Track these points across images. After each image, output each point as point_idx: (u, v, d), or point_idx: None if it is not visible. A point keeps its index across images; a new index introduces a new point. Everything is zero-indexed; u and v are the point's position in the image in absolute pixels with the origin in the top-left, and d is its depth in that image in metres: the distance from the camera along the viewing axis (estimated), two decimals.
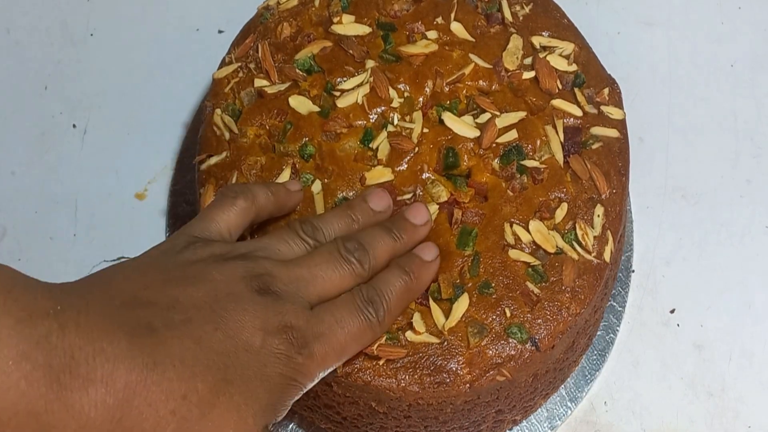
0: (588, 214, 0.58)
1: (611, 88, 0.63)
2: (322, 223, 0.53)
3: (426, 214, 0.55)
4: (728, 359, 0.67)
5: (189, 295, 0.44)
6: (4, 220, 0.71)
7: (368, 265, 0.51)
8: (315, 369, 0.47)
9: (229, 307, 0.45)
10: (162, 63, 0.77)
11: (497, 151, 0.59)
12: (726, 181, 0.73)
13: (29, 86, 0.77)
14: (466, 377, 0.54)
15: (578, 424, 0.65)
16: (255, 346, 0.44)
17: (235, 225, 0.51)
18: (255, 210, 0.52)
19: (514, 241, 0.57)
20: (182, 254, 0.47)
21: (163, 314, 0.43)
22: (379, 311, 0.50)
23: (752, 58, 0.78)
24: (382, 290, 0.51)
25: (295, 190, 0.56)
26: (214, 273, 0.46)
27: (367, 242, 0.52)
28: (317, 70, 0.62)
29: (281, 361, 0.45)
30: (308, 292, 0.48)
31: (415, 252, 0.54)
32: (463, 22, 0.63)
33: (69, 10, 0.79)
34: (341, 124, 0.59)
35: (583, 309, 0.56)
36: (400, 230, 0.54)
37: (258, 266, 0.48)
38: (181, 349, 0.42)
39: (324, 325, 0.47)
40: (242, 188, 0.52)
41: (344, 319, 0.49)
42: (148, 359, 0.40)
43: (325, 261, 0.50)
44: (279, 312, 0.46)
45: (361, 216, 0.54)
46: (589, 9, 0.80)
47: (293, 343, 0.46)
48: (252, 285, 0.46)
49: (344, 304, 0.49)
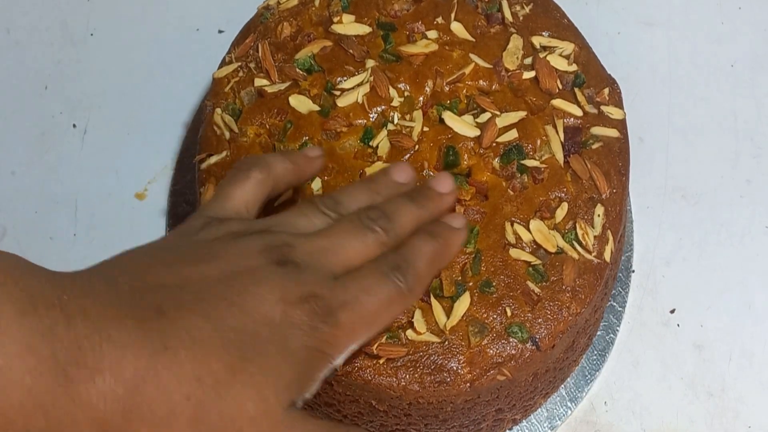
0: (588, 213, 0.58)
1: (611, 88, 0.63)
2: (344, 196, 0.49)
3: (451, 183, 0.52)
4: (728, 359, 0.67)
5: (201, 272, 0.42)
6: (4, 220, 0.71)
7: (393, 233, 0.47)
8: (343, 339, 0.43)
9: (245, 280, 0.42)
10: (162, 63, 0.77)
11: (497, 151, 0.59)
12: (726, 181, 0.73)
13: (29, 86, 0.77)
14: (467, 376, 0.54)
15: (578, 424, 0.65)
16: (275, 319, 0.41)
17: (252, 200, 0.49)
18: (272, 181, 0.50)
19: (515, 240, 0.57)
20: (197, 235, 0.45)
21: (174, 295, 0.40)
22: (407, 277, 0.46)
23: (752, 58, 0.78)
24: (411, 257, 0.47)
25: (315, 156, 0.53)
26: (229, 249, 0.44)
27: (391, 211, 0.48)
28: (317, 70, 0.62)
29: (305, 332, 0.42)
30: (330, 261, 0.45)
31: (442, 219, 0.50)
32: (464, 22, 0.63)
33: (69, 10, 0.79)
34: (341, 123, 0.59)
35: (584, 309, 0.56)
36: (425, 198, 0.50)
37: (276, 239, 0.45)
38: (192, 329, 0.39)
39: (349, 293, 0.44)
40: (256, 160, 0.50)
41: (371, 286, 0.44)
42: (157, 343, 0.38)
43: (346, 231, 0.46)
44: (300, 282, 0.43)
45: (384, 188, 0.51)
46: (589, 9, 0.80)
47: (317, 312, 0.42)
48: (270, 257, 0.43)
49: (370, 271, 0.45)
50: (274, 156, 0.51)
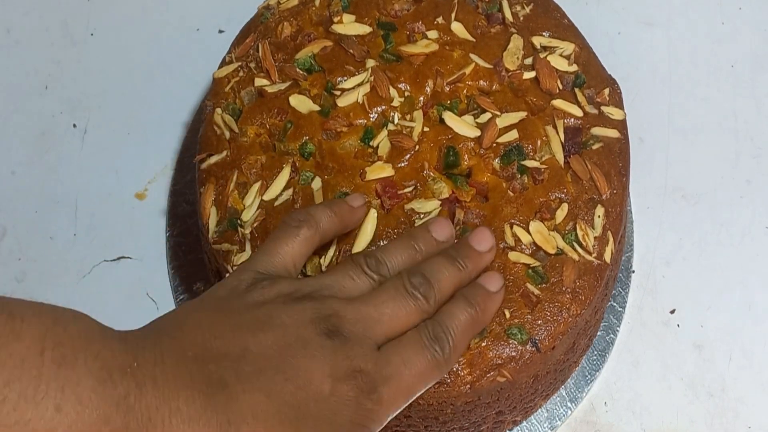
0: (588, 214, 0.58)
1: (612, 89, 0.63)
2: (386, 256, 0.51)
3: (491, 240, 0.54)
4: (728, 359, 0.67)
5: (259, 342, 0.44)
6: (4, 220, 0.71)
7: (433, 300, 0.50)
8: (384, 413, 0.46)
9: (299, 354, 0.44)
10: (162, 63, 0.77)
11: (498, 151, 0.59)
12: (726, 182, 0.73)
13: (29, 86, 0.77)
14: (467, 378, 0.54)
15: (578, 424, 0.65)
16: (324, 393, 0.44)
17: (299, 256, 0.51)
18: (319, 236, 0.52)
19: (514, 243, 0.56)
20: (250, 294, 0.47)
21: (235, 366, 0.43)
22: (445, 348, 0.48)
23: (752, 58, 0.78)
24: (448, 326, 0.49)
25: (358, 205, 0.55)
26: (283, 316, 0.46)
27: (431, 275, 0.50)
28: (317, 70, 0.62)
29: (351, 408, 0.45)
30: (375, 332, 0.47)
31: (480, 282, 0.53)
32: (464, 22, 0.63)
33: (69, 10, 0.79)
34: (341, 123, 0.59)
35: (584, 310, 0.56)
36: (465, 259, 0.52)
37: (325, 307, 0.47)
38: (253, 404, 0.42)
39: (392, 367, 0.47)
40: (305, 216, 0.52)
41: (411, 359, 0.47)
42: (222, 417, 0.41)
43: (391, 298, 0.49)
44: (348, 356, 0.45)
45: (425, 246, 0.53)
46: (589, 9, 0.80)
47: (363, 388, 0.45)
48: (320, 328, 0.46)
49: (411, 343, 0.48)
50: (321, 210, 0.52)
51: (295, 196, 0.58)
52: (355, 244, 0.56)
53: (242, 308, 0.46)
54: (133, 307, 0.68)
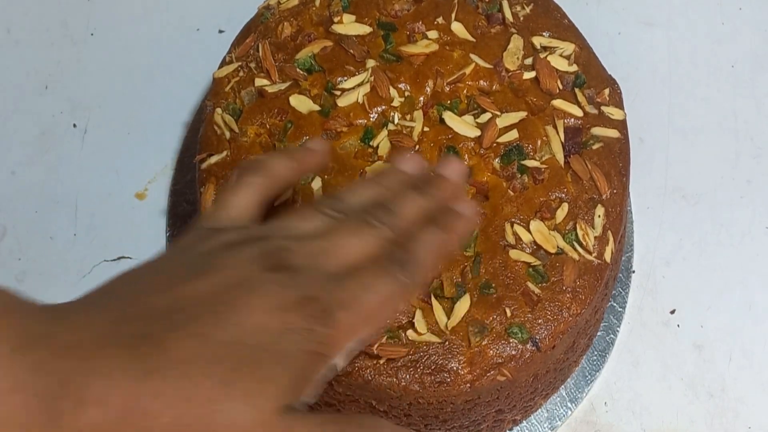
0: (589, 214, 0.58)
1: (612, 89, 0.63)
2: (348, 195, 0.47)
3: (460, 167, 0.50)
4: (728, 359, 0.67)
5: (194, 289, 0.41)
6: (4, 220, 0.71)
7: (396, 227, 0.45)
8: (342, 339, 0.42)
9: (240, 292, 0.41)
10: (162, 63, 0.77)
11: (498, 151, 0.59)
12: (726, 182, 0.73)
13: (29, 86, 0.77)
14: (467, 377, 0.54)
15: (578, 424, 0.65)
16: (268, 326, 0.40)
17: (249, 206, 0.47)
18: (272, 182, 0.48)
19: (515, 241, 0.57)
20: (194, 248, 0.44)
21: (164, 318, 0.40)
22: (411, 271, 0.44)
23: (753, 58, 0.78)
24: (414, 249, 0.45)
25: (318, 148, 0.51)
26: (224, 261, 0.42)
27: (394, 204, 0.46)
28: (318, 70, 0.62)
29: (302, 336, 0.41)
30: (329, 262, 0.43)
31: (450, 207, 0.48)
32: (464, 22, 0.63)
33: (69, 10, 0.79)
34: (342, 123, 0.59)
35: (584, 309, 0.56)
36: (432, 186, 0.48)
37: (272, 245, 0.43)
38: (183, 350, 0.39)
39: (348, 292, 0.42)
40: (253, 163, 0.49)
41: (370, 283, 0.43)
42: (145, 368, 0.38)
43: (346, 229, 0.45)
44: (296, 286, 0.41)
45: (391, 181, 0.49)
46: (589, 9, 0.80)
47: (315, 315, 0.41)
48: (264, 264, 0.42)
49: (371, 267, 0.44)
50: (272, 156, 0.50)
51: (295, 195, 0.58)
52: None
53: (183, 262, 0.43)
54: None
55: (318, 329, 0.41)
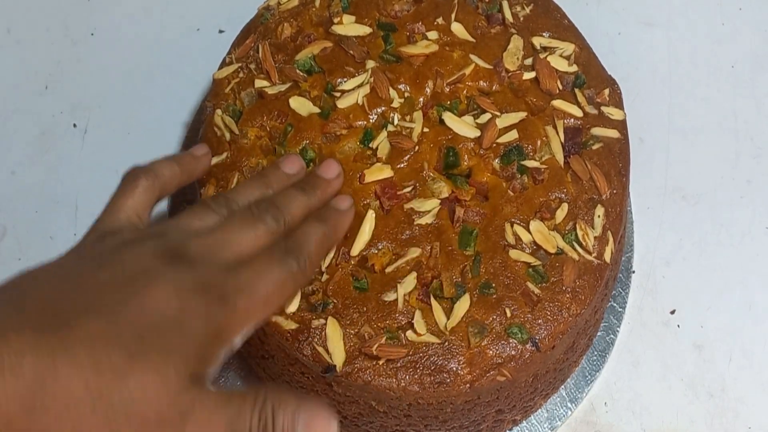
0: (588, 214, 0.58)
1: (611, 89, 0.63)
2: (235, 194, 0.52)
3: (337, 168, 0.56)
4: (728, 360, 0.67)
5: (97, 279, 0.44)
6: (4, 220, 0.71)
7: (283, 221, 0.50)
8: (238, 322, 0.46)
9: (141, 282, 0.44)
10: (162, 63, 0.77)
11: (498, 151, 0.59)
12: (726, 182, 0.73)
13: (29, 86, 0.77)
14: (467, 377, 0.54)
15: (578, 424, 0.65)
16: (171, 311, 0.44)
17: (141, 207, 0.51)
18: (160, 185, 0.52)
19: (515, 241, 0.57)
20: (93, 248, 0.47)
21: (70, 303, 0.43)
22: (300, 260, 0.49)
23: (753, 58, 0.78)
24: (301, 241, 0.50)
25: (201, 154, 0.56)
26: (124, 256, 0.46)
27: (280, 202, 0.52)
28: (317, 71, 0.62)
29: (201, 318, 0.44)
30: (224, 254, 0.47)
31: (330, 203, 0.55)
32: (464, 23, 0.63)
33: (69, 10, 0.79)
34: (341, 125, 0.59)
35: (584, 309, 0.56)
36: (313, 186, 0.54)
37: (169, 241, 0.47)
38: (89, 329, 0.41)
39: (244, 280, 0.46)
40: (142, 168, 0.52)
41: (264, 271, 0.47)
42: (56, 344, 0.40)
43: (238, 225, 0.49)
44: (194, 276, 0.45)
45: (275, 181, 0.54)
46: (589, 10, 0.80)
47: (213, 300, 0.45)
48: (163, 258, 0.46)
49: (263, 258, 0.48)
50: (161, 161, 0.53)
51: None
52: (353, 244, 0.56)
53: (84, 259, 0.46)
54: None
55: (216, 312, 0.45)
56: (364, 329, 0.54)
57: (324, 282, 0.55)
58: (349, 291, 0.55)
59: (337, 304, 0.55)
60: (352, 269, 0.56)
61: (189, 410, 0.43)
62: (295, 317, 0.54)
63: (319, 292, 0.55)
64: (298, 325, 0.54)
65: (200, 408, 0.43)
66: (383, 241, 0.56)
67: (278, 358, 0.58)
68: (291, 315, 0.54)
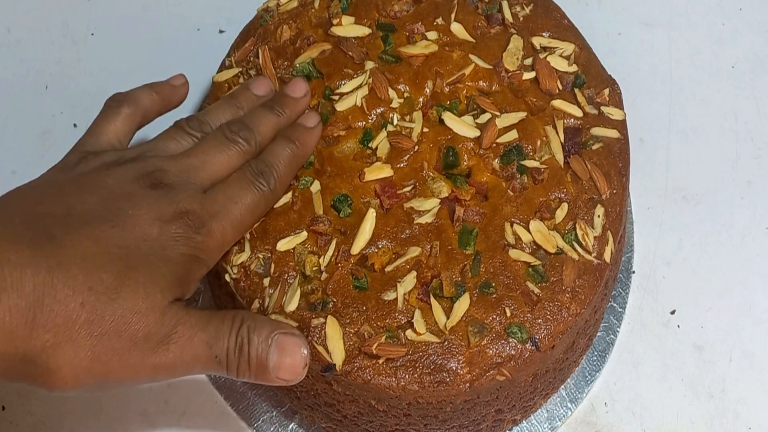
0: (588, 214, 0.58)
1: (612, 89, 0.63)
2: (207, 116, 0.55)
3: (304, 87, 0.58)
4: (729, 360, 0.67)
5: (83, 201, 0.48)
6: None
7: (254, 142, 0.54)
8: (215, 245, 0.50)
9: (124, 205, 0.48)
10: (162, 63, 0.77)
11: (497, 151, 0.59)
12: (726, 182, 0.73)
13: (30, 85, 0.77)
14: (466, 376, 0.54)
15: (578, 424, 0.65)
16: (153, 234, 0.47)
17: (122, 132, 0.55)
18: (141, 113, 0.56)
19: (515, 241, 0.57)
20: (75, 169, 0.51)
21: (61, 221, 0.46)
22: (270, 181, 0.53)
23: (753, 59, 0.78)
24: (271, 161, 0.54)
25: (179, 84, 0.59)
26: (107, 179, 0.49)
27: (250, 121, 0.55)
28: (317, 76, 0.62)
29: (181, 242, 0.48)
30: (199, 177, 0.51)
31: (297, 121, 0.57)
32: (464, 23, 0.63)
33: (70, 10, 0.80)
34: (340, 127, 0.59)
35: (584, 309, 0.56)
36: (282, 106, 0.57)
37: (148, 165, 0.51)
38: (81, 249, 0.45)
39: (218, 204, 0.51)
40: (124, 96, 0.56)
41: (237, 194, 0.52)
42: (51, 261, 0.44)
43: (212, 146, 0.53)
44: (173, 201, 0.49)
45: (245, 103, 0.57)
46: (589, 10, 0.80)
47: (191, 225, 0.49)
48: (144, 182, 0.49)
49: (235, 180, 0.52)
50: (141, 89, 0.57)
51: (294, 199, 0.58)
52: (354, 243, 0.56)
53: (67, 179, 0.50)
54: None
55: (195, 237, 0.49)
56: (363, 328, 0.54)
57: (324, 281, 0.55)
58: (348, 290, 0.55)
59: (337, 303, 0.55)
60: (351, 268, 0.56)
61: (173, 329, 0.47)
62: (294, 316, 0.54)
63: (319, 291, 0.55)
64: (297, 324, 0.54)
65: (182, 327, 0.47)
66: (383, 240, 0.56)
67: None
68: (290, 314, 0.54)
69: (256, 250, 0.56)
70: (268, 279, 0.56)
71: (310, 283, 0.55)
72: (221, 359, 0.48)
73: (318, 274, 0.56)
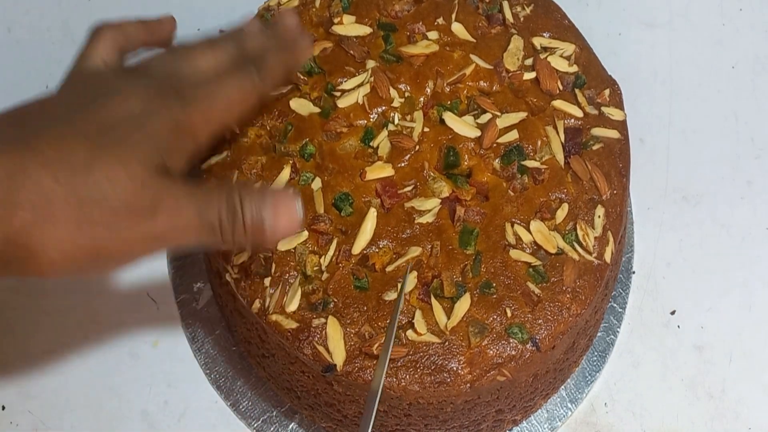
0: (589, 214, 0.58)
1: (612, 89, 0.63)
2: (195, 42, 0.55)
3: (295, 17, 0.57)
4: (729, 361, 0.67)
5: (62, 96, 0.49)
6: None
7: (244, 47, 0.54)
8: (200, 117, 0.49)
9: (100, 91, 0.48)
10: None
11: (498, 151, 0.59)
12: (726, 183, 0.73)
13: (30, 85, 0.76)
14: (467, 377, 0.54)
15: (578, 425, 0.65)
16: (133, 111, 0.47)
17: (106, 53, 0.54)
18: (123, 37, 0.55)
19: (515, 241, 0.57)
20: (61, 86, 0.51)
21: (38, 115, 0.46)
22: (259, 68, 0.52)
23: (753, 59, 0.78)
24: (258, 53, 0.54)
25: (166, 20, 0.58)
26: (88, 79, 0.50)
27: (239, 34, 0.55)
28: (318, 72, 0.62)
29: (162, 114, 0.48)
30: (187, 65, 0.51)
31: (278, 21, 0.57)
32: (464, 23, 0.63)
33: (70, 10, 0.79)
34: (341, 123, 0.59)
35: (584, 309, 0.56)
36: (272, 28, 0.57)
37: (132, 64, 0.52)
38: (55, 132, 0.45)
39: (204, 85, 0.50)
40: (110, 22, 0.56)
41: (224, 77, 0.51)
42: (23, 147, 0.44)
43: (200, 46, 0.53)
44: (157, 83, 0.49)
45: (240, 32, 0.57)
46: (590, 10, 0.80)
47: (170, 94, 0.48)
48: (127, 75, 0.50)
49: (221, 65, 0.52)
50: (127, 20, 0.57)
51: None
52: (355, 243, 0.56)
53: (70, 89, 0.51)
54: (133, 307, 0.68)
55: (173, 106, 0.48)
56: (364, 328, 0.54)
57: (324, 281, 0.55)
58: (349, 290, 0.55)
59: (338, 303, 0.55)
60: (352, 268, 0.56)
61: (157, 200, 0.46)
62: (295, 316, 0.54)
63: (320, 291, 0.55)
64: (298, 324, 0.54)
65: (168, 197, 0.46)
66: (384, 239, 0.56)
67: (278, 357, 0.58)
68: (291, 314, 0.54)
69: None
70: (269, 279, 0.56)
71: (311, 283, 0.55)
72: (214, 226, 0.47)
73: (319, 274, 0.56)
